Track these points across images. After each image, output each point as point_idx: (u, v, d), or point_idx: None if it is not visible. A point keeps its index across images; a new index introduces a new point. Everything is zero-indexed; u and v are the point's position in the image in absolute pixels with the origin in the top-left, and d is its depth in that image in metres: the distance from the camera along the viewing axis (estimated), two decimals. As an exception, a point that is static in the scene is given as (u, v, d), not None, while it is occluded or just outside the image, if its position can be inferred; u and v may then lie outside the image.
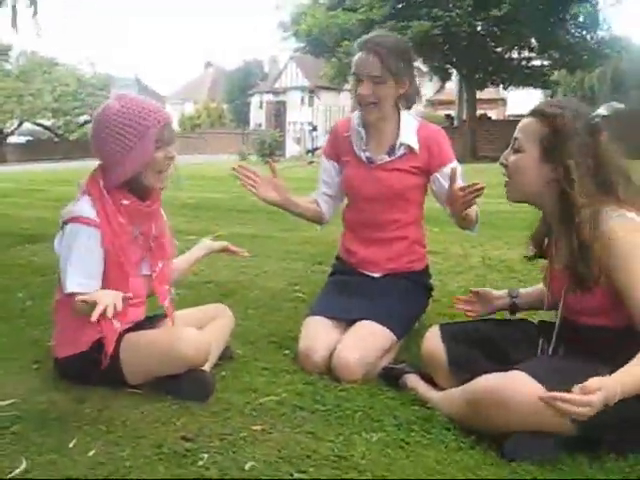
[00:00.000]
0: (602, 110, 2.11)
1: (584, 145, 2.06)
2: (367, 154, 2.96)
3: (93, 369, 2.40)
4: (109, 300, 2.03)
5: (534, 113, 2.15)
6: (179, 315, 2.73)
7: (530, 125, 2.14)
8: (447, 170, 2.76)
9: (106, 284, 2.34)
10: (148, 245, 2.53)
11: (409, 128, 2.92)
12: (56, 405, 2.32)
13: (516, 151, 2.16)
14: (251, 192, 2.89)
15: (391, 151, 2.92)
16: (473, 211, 2.78)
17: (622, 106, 2.06)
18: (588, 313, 2.11)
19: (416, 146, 2.89)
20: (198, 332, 2.50)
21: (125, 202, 2.41)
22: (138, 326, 2.52)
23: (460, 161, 2.96)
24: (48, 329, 3.14)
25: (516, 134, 2.18)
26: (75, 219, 2.34)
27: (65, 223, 2.37)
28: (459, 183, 2.53)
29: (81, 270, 2.30)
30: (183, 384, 2.38)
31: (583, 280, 2.05)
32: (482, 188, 2.45)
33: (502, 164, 2.22)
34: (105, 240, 2.35)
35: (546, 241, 2.34)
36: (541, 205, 2.20)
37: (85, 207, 2.36)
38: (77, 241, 2.31)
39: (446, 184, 2.66)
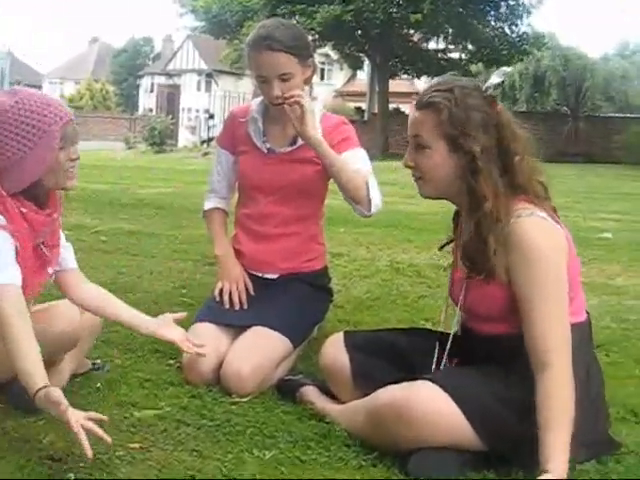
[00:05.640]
0: (495, 78, 2.17)
1: (485, 120, 2.10)
2: (268, 145, 2.98)
3: None
4: None
5: (424, 105, 2.18)
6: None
7: (425, 119, 2.16)
8: (349, 155, 2.84)
9: None
10: (46, 256, 2.44)
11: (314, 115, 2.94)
12: None
13: (420, 149, 2.18)
14: None
15: (293, 141, 2.94)
16: (354, 174, 2.78)
17: (510, 69, 2.13)
18: (486, 317, 2.16)
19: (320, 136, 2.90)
20: (68, 304, 2.47)
21: (24, 210, 2.30)
22: None
23: (369, 158, 3.00)
24: None
25: (413, 131, 2.19)
26: None
27: None
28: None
29: (5, 263, 2.19)
30: (13, 389, 2.32)
31: (477, 264, 2.10)
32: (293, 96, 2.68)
33: (408, 166, 2.23)
34: (17, 247, 2.24)
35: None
36: (456, 199, 2.23)
37: None
38: None
39: None
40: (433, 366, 2.27)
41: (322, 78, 40.47)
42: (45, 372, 2.06)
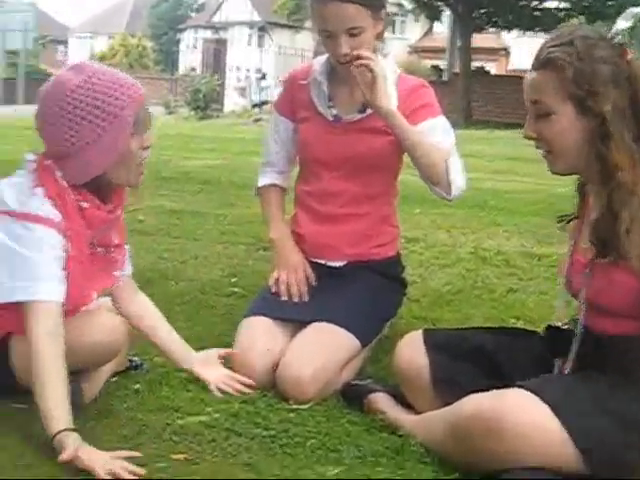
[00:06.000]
0: (622, 22, 2.12)
1: (615, 74, 2.06)
2: (334, 111, 2.97)
3: None
4: None
5: (542, 64, 2.14)
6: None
7: (546, 80, 2.13)
8: (428, 126, 2.83)
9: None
10: (106, 258, 2.50)
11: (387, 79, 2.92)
12: None
13: (543, 116, 2.15)
14: None
15: (363, 108, 2.93)
16: (432, 150, 2.77)
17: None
18: (611, 311, 2.12)
19: (395, 101, 2.89)
20: (109, 313, 2.51)
21: (84, 205, 2.34)
22: None
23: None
24: None
25: (533, 96, 2.16)
26: (35, 218, 2.23)
27: (14, 215, 2.24)
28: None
29: (49, 275, 2.23)
30: None
31: (608, 244, 2.06)
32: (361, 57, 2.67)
33: (531, 138, 2.20)
34: (69, 249, 2.28)
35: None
36: (585, 171, 2.19)
37: (44, 205, 2.25)
38: (42, 245, 2.22)
39: None
40: (556, 371, 2.25)
41: (394, 31, 40.20)
42: (69, 409, 2.11)
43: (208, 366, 2.69)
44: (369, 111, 2.87)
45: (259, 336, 2.76)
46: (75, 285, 2.30)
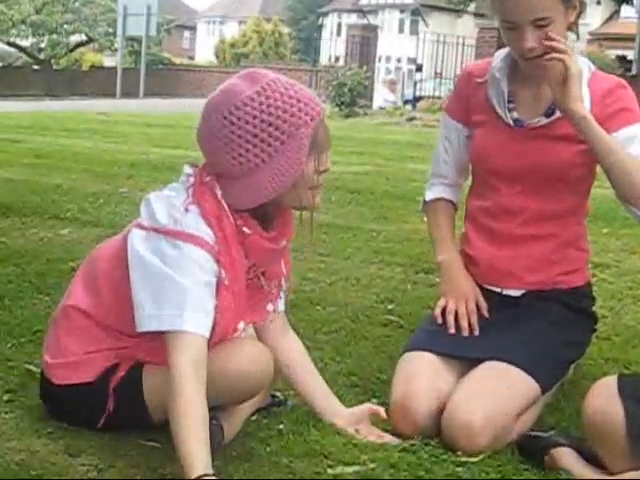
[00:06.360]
0: None
1: None
2: (515, 114, 2.95)
3: (100, 407, 2.46)
4: None
5: None
6: None
7: None
8: (627, 134, 2.79)
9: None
10: (264, 291, 2.58)
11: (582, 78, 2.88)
12: (38, 457, 2.37)
13: None
14: None
15: (550, 111, 2.91)
16: (631, 163, 2.71)
17: None
18: None
19: (587, 104, 2.85)
20: (255, 342, 2.55)
21: (246, 231, 2.41)
22: None
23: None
24: (23, 344, 3.23)
25: None
26: (187, 237, 2.30)
27: (164, 233, 2.33)
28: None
29: (199, 305, 2.30)
30: None
31: None
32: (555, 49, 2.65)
33: None
34: (222, 276, 2.36)
35: None
36: None
37: (199, 224, 2.32)
38: (192, 268, 2.29)
39: None
40: None
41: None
42: (208, 451, 2.14)
43: (354, 425, 2.68)
44: (557, 114, 2.85)
45: (422, 375, 2.76)
46: (224, 316, 2.37)
